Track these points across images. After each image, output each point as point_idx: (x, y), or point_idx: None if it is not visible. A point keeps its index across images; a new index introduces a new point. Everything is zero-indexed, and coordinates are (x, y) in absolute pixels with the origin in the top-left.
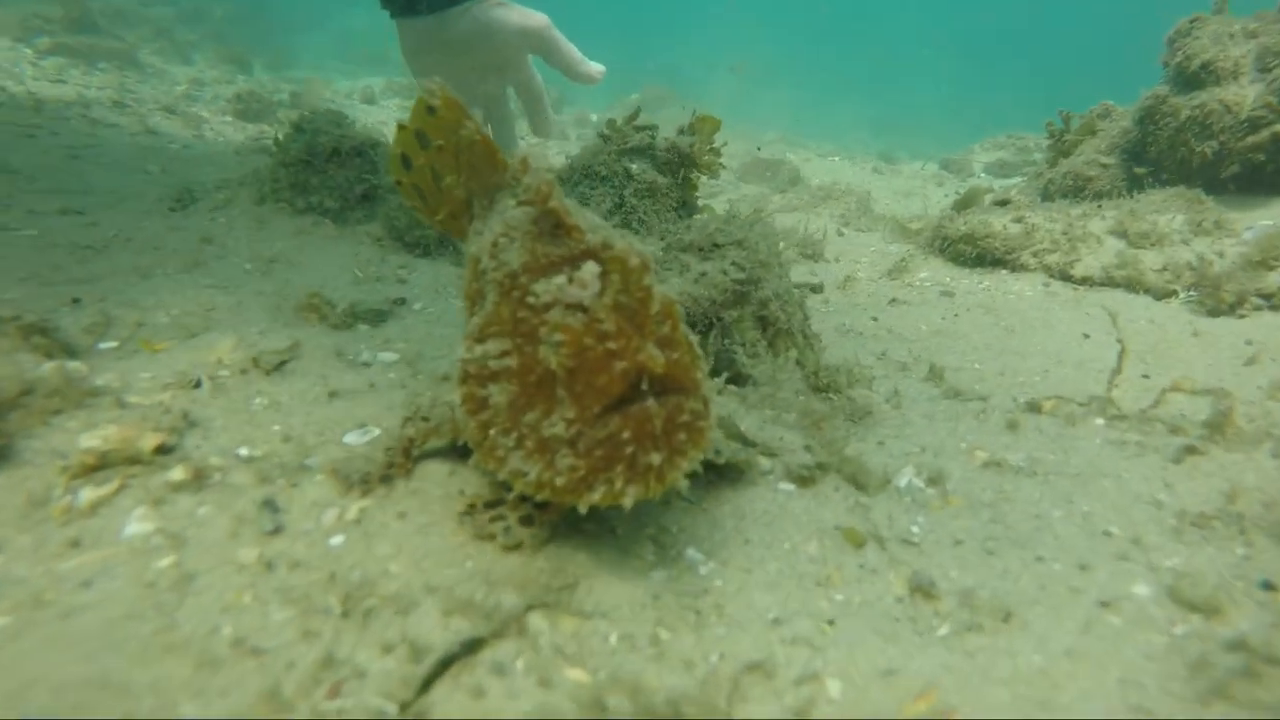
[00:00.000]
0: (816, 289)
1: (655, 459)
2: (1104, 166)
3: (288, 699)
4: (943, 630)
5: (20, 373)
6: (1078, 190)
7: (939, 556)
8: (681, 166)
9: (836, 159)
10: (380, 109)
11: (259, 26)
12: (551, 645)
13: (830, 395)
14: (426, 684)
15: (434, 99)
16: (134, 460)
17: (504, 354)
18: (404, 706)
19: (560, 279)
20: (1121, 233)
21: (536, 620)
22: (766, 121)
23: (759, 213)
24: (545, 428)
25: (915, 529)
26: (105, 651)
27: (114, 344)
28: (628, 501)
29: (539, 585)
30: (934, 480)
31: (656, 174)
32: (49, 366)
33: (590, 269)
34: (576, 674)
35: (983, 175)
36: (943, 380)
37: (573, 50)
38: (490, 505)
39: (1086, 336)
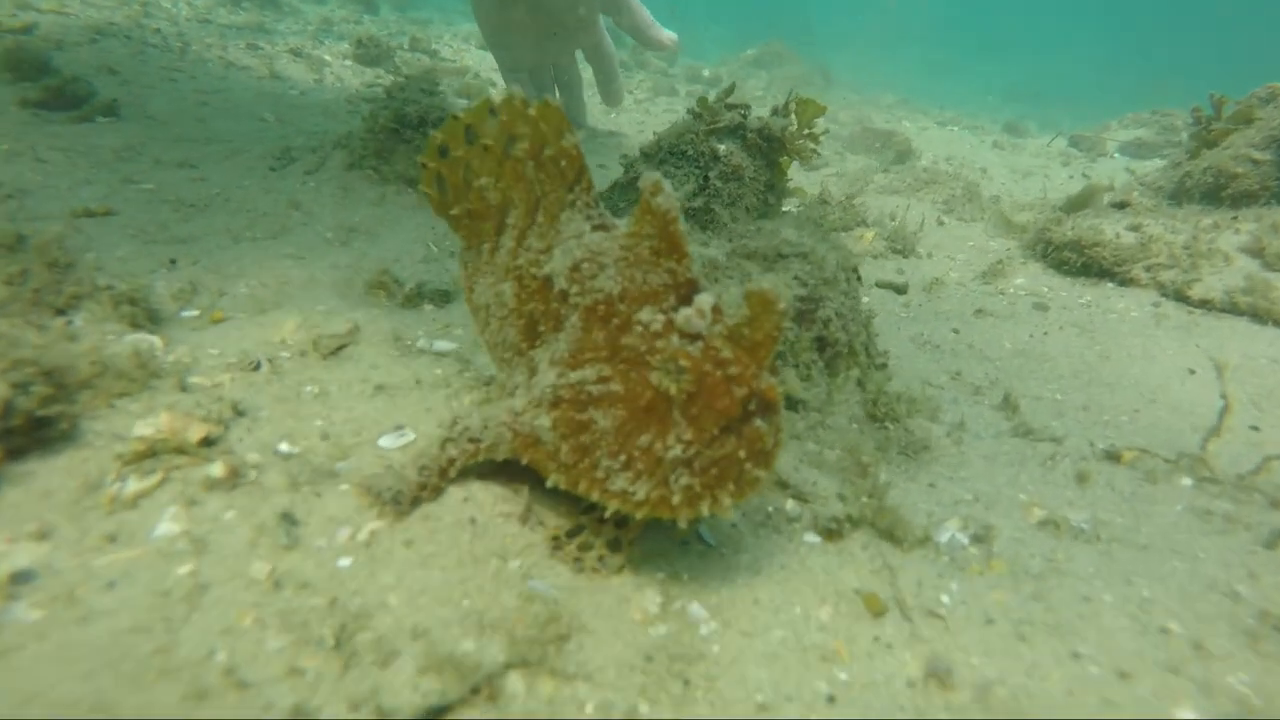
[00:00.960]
0: (900, 289)
1: (761, 474)
2: (1255, 163)
3: None
4: None
5: (98, 353)
6: (1217, 190)
7: (965, 636)
8: (772, 150)
9: (956, 129)
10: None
11: None
12: (522, 713)
13: (887, 425)
14: None
15: (504, 101)
16: (180, 450)
17: (603, 379)
18: None
19: (687, 310)
20: (1257, 251)
21: (514, 682)
22: (890, 83)
23: (850, 199)
24: (659, 450)
25: (946, 599)
26: (104, 670)
27: (195, 313)
28: (728, 513)
29: (530, 635)
30: (980, 538)
31: (745, 156)
32: (124, 347)
33: (706, 299)
34: None
35: (1116, 155)
36: (1016, 413)
37: (645, 12)
38: (571, 534)
39: (1191, 373)
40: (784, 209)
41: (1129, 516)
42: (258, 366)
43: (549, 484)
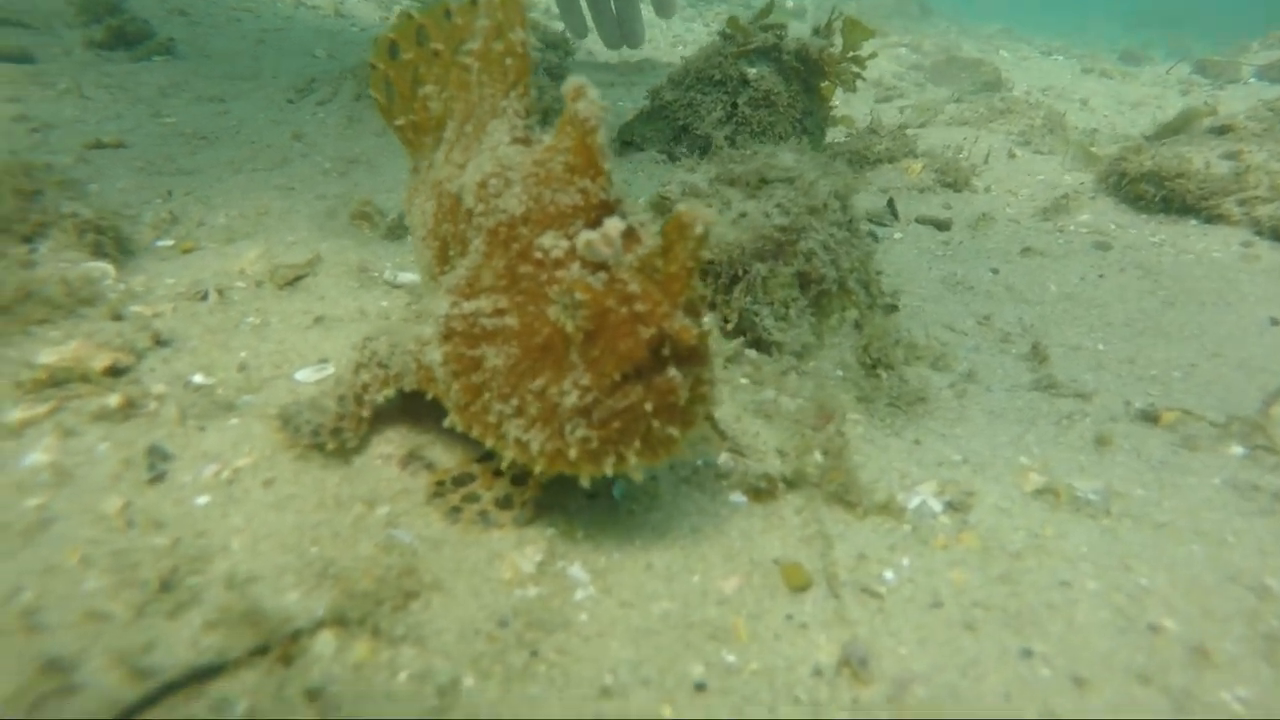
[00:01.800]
0: (942, 226)
1: (674, 432)
2: None
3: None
4: None
5: (21, 279)
6: None
7: (900, 621)
8: (810, 75)
9: (1061, 58)
10: None
11: None
12: (307, 682)
13: (879, 373)
14: (127, 717)
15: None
16: (84, 379)
17: (499, 312)
18: None
19: (590, 234)
20: None
21: (324, 642)
22: (998, 13)
23: (902, 129)
24: (554, 395)
25: (890, 575)
26: None
27: (170, 243)
28: (637, 474)
29: (369, 590)
30: (956, 506)
31: (779, 81)
32: (60, 274)
33: (615, 224)
34: None
35: (1252, 80)
36: (1044, 363)
37: None
38: (460, 481)
39: (1275, 323)
40: (827, 139)
41: (1152, 488)
42: (205, 297)
43: (445, 423)
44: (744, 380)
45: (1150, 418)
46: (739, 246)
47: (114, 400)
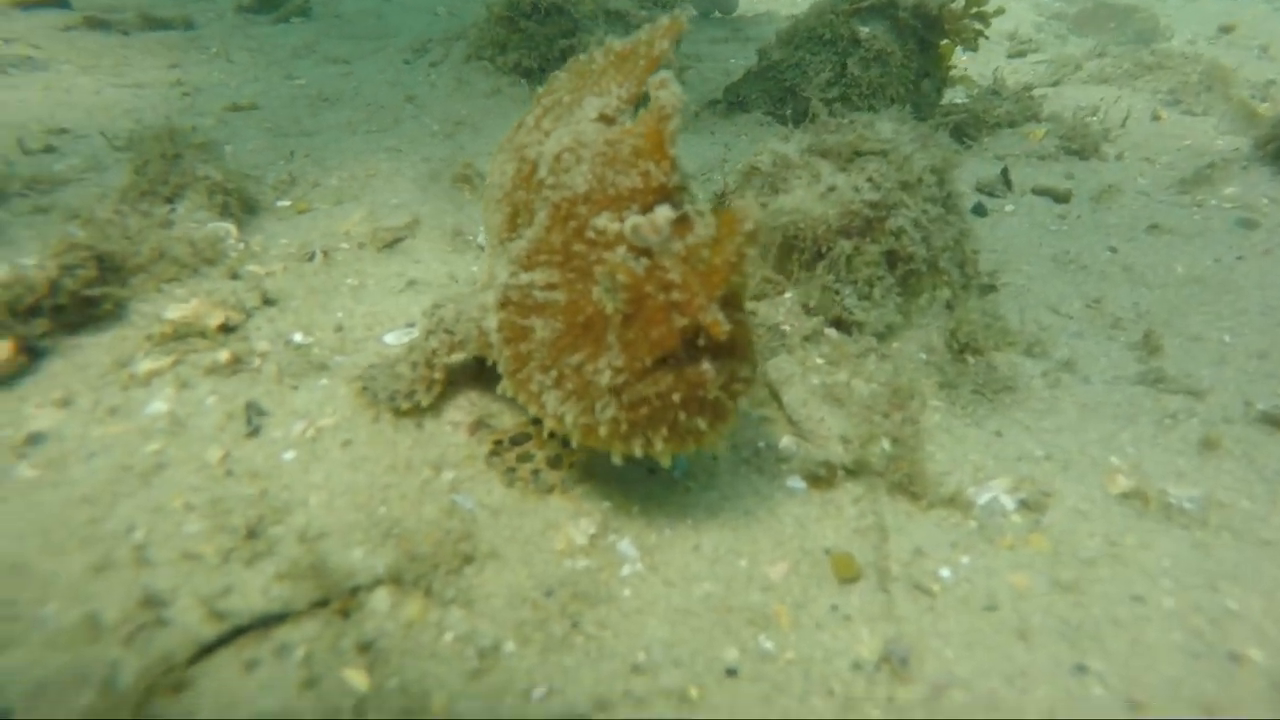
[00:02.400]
0: (1061, 197)
1: (701, 425)
2: None
3: (104, 625)
4: None
5: (157, 240)
6: None
7: (951, 622)
8: (929, 32)
9: None
10: None
11: None
12: (361, 635)
13: (967, 358)
14: (202, 653)
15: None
16: (201, 335)
17: (551, 286)
18: (169, 670)
19: (637, 218)
20: None
21: (380, 598)
22: None
23: (1028, 90)
24: (590, 372)
25: (946, 573)
26: (36, 534)
27: (288, 203)
28: (665, 459)
29: (428, 553)
30: (1031, 505)
31: (893, 40)
32: (190, 234)
33: (664, 213)
34: (356, 677)
35: None
36: (1155, 354)
37: None
38: (516, 441)
39: None
40: (944, 101)
41: (1261, 501)
42: (312, 257)
43: (498, 389)
44: (820, 360)
45: (1273, 421)
46: (824, 222)
47: (224, 356)
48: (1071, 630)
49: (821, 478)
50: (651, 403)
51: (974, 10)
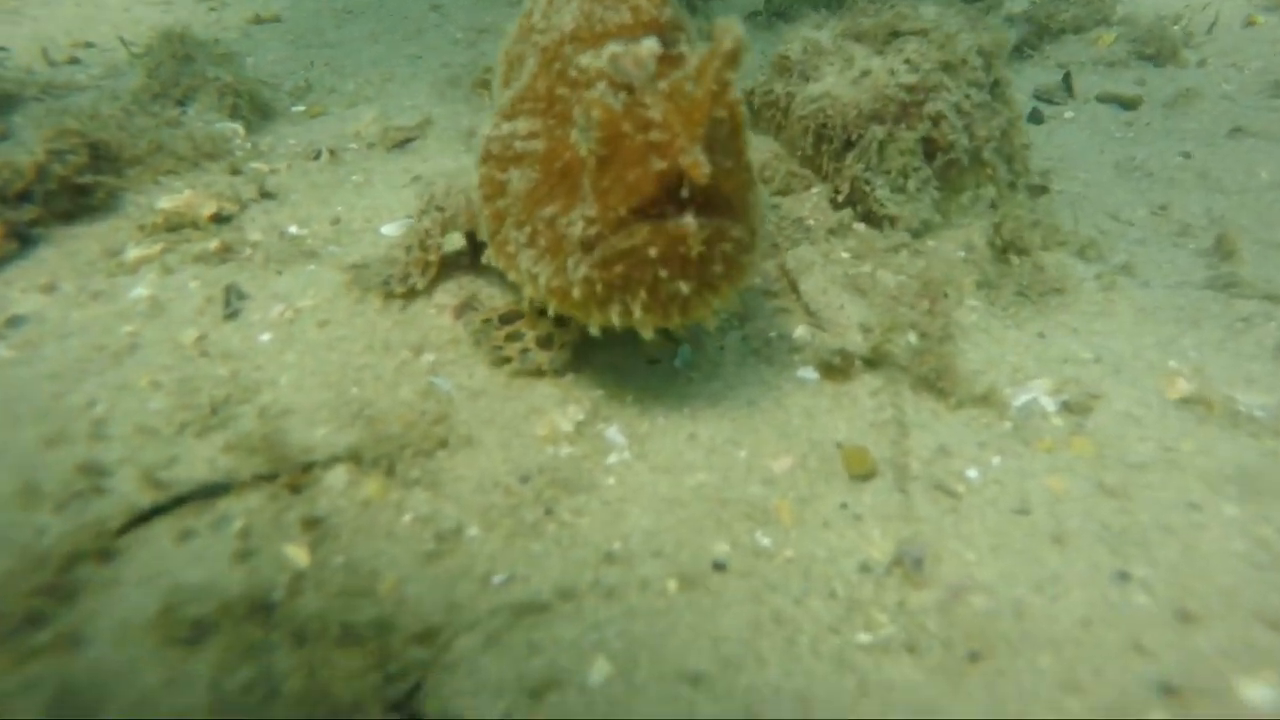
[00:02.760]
0: (1129, 104)
1: (683, 289)
2: None
3: (41, 493)
4: (865, 637)
5: (156, 133)
6: None
7: (974, 523)
8: None
9: None
10: None
11: None
12: (309, 511)
13: (1011, 257)
14: (136, 521)
15: None
16: (194, 225)
17: (533, 135)
18: (98, 536)
19: (617, 48)
20: None
21: (336, 476)
22: None
23: None
24: (563, 226)
25: (973, 474)
26: (3, 405)
27: (302, 108)
28: (646, 331)
29: (400, 434)
30: (1074, 408)
31: None
32: (194, 131)
33: (650, 45)
34: (296, 553)
35: None
36: (1229, 259)
37: None
38: (506, 320)
39: None
40: (1005, 9)
41: None
42: (318, 156)
43: (483, 258)
44: (845, 255)
45: None
46: (855, 107)
47: (213, 245)
48: (1114, 536)
49: (836, 367)
50: (626, 259)
51: None
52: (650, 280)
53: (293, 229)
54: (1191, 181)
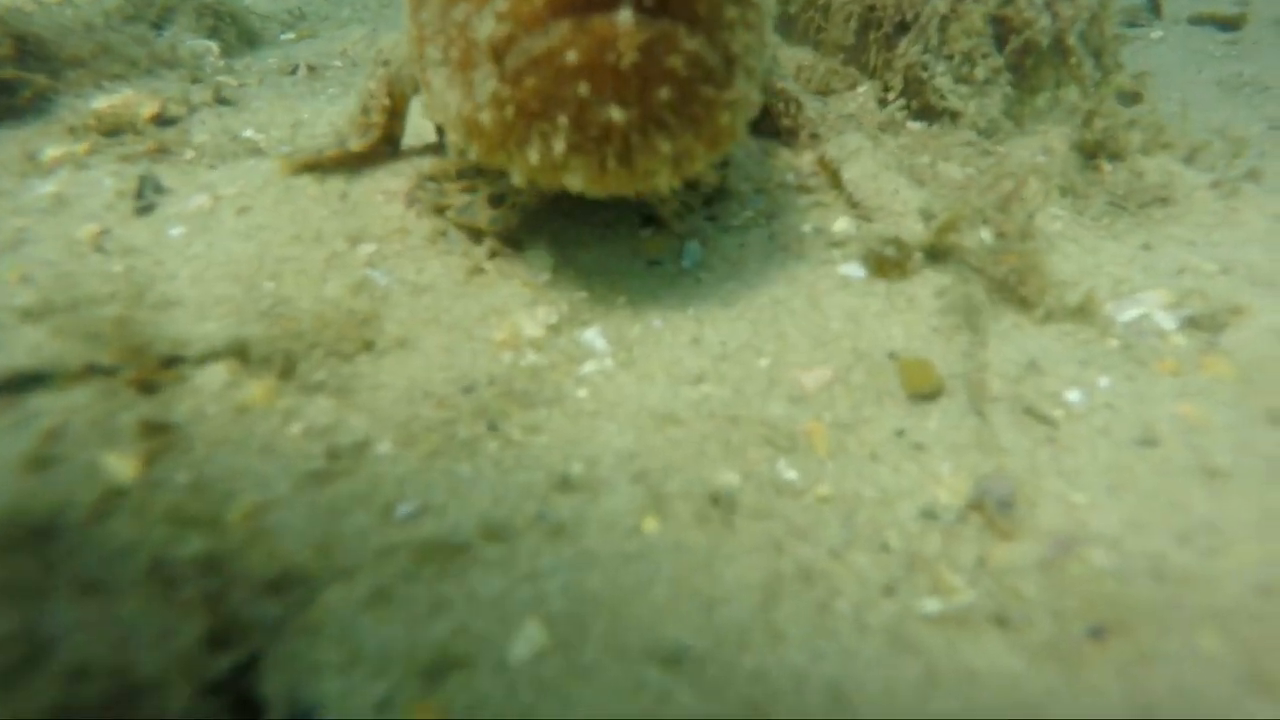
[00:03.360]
0: (1230, 23)
1: (616, 117)
2: None
3: None
4: (933, 605)
5: (100, 37)
6: None
7: (1082, 456)
8: None
9: None
10: None
11: None
12: (159, 414)
13: (1103, 162)
14: None
15: None
16: (130, 127)
17: None
18: None
19: None
20: None
21: (211, 375)
22: None
23: None
24: (473, 31)
25: (1075, 397)
26: None
27: (292, 35)
28: (574, 180)
29: (311, 332)
30: (1202, 324)
31: None
32: (159, 45)
33: None
34: (119, 464)
35: None
36: None
37: None
38: (462, 175)
39: None
40: None
41: None
42: (294, 70)
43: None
44: (898, 149)
45: None
46: None
47: (147, 144)
48: (1245, 475)
49: (889, 260)
50: (541, 69)
51: None
52: (573, 101)
53: (248, 132)
54: None
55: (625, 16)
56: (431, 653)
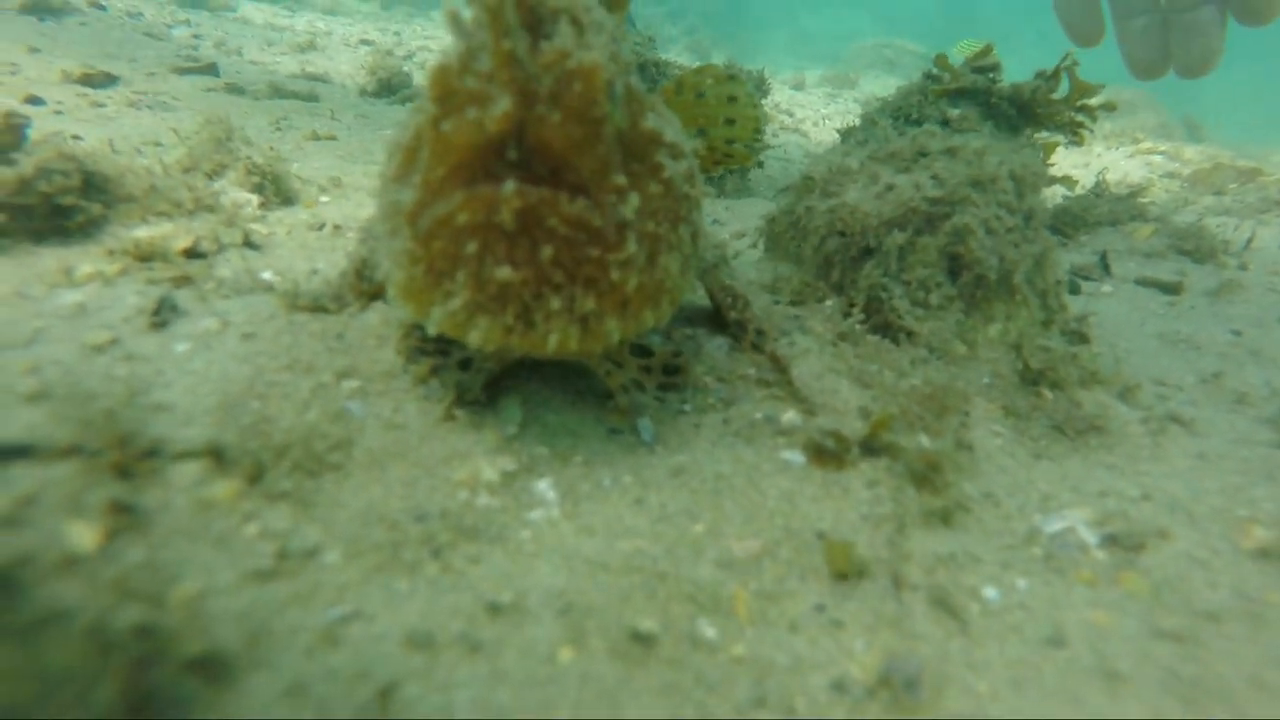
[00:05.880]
0: (1170, 289)
1: (504, 275)
2: None
3: None
4: None
5: (151, 181)
6: None
7: (991, 650)
8: (1020, 118)
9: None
10: (805, 94)
11: (730, 23)
12: (129, 497)
13: (1043, 390)
14: None
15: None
16: (162, 256)
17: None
18: None
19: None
20: None
21: (185, 472)
22: None
23: (1133, 195)
24: (401, 200)
25: (992, 594)
26: None
27: (327, 199)
28: (473, 336)
29: (285, 445)
30: (1122, 542)
31: (981, 123)
32: (181, 182)
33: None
34: (82, 533)
35: None
36: None
37: None
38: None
39: None
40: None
41: None
42: (321, 227)
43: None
44: (851, 357)
45: None
46: (876, 216)
47: (174, 272)
48: (1184, 686)
49: (828, 451)
50: (442, 231)
51: (1079, 103)
52: (470, 260)
53: (266, 274)
54: (1244, 357)
55: (509, 186)
56: None
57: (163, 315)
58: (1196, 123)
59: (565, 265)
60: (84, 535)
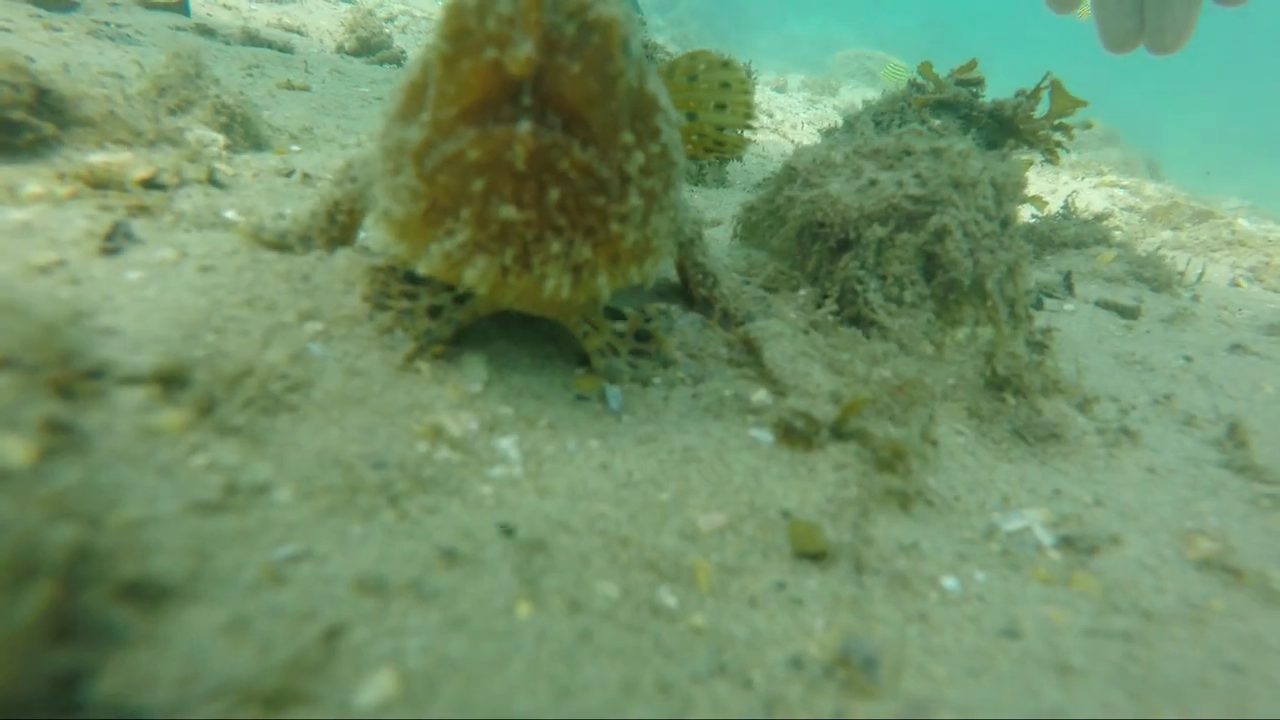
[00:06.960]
0: (1127, 313)
1: (509, 214)
2: None
3: None
4: None
5: (110, 107)
6: None
7: (949, 638)
8: (1003, 135)
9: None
10: (786, 97)
11: (720, 20)
12: (66, 416)
13: (1006, 396)
14: None
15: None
16: (118, 184)
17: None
18: None
19: None
20: None
21: (129, 396)
22: (1237, 185)
23: (1099, 219)
24: (406, 139)
25: (951, 583)
26: None
27: (297, 148)
28: (469, 275)
29: (240, 379)
30: (1076, 544)
31: (960, 134)
32: (143, 112)
33: None
34: (14, 448)
35: None
36: (1241, 449)
37: None
38: (411, 279)
39: None
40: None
41: None
42: (290, 174)
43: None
44: (824, 344)
45: None
46: (857, 208)
47: (130, 201)
48: (1132, 682)
49: (797, 432)
50: (450, 167)
51: (1056, 122)
52: (476, 197)
53: (230, 213)
54: (1194, 382)
55: (524, 125)
56: (277, 683)
57: (116, 241)
58: (1156, 162)
59: (569, 211)
60: (16, 450)
